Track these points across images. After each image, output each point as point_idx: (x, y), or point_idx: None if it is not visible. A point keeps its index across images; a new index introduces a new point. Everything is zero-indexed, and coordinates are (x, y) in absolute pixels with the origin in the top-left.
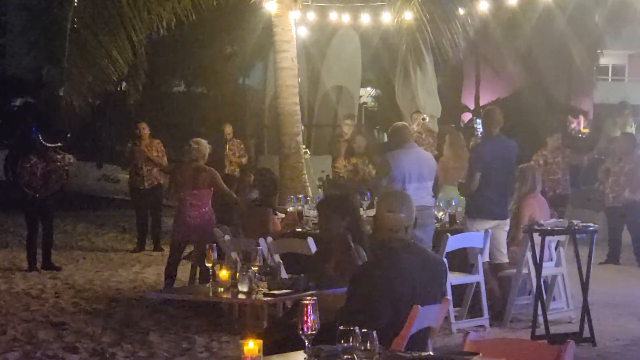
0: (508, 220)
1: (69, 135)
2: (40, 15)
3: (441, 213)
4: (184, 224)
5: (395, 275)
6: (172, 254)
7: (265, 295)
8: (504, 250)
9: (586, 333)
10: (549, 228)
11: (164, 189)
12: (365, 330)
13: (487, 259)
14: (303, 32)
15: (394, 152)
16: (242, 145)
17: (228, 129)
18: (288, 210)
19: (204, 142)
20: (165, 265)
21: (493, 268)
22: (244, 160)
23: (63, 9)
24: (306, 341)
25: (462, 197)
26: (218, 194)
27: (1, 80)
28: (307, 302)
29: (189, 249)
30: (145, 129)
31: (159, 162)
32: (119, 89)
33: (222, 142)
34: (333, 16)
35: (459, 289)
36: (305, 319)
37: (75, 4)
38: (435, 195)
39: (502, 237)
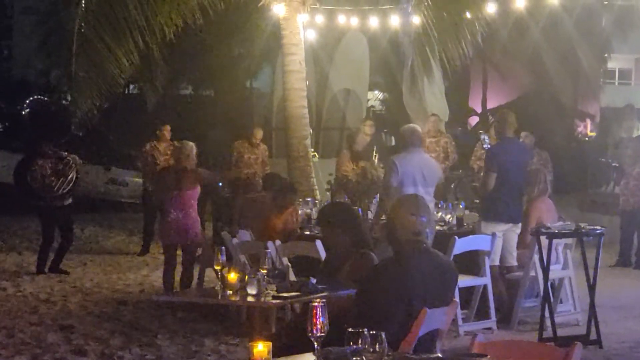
0: (520, 224)
1: (79, 134)
2: (47, 18)
3: (449, 216)
4: (170, 227)
5: (407, 278)
6: (167, 259)
7: (274, 298)
8: (515, 253)
9: (593, 335)
10: (556, 231)
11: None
12: (374, 332)
13: (497, 262)
14: (311, 35)
15: (401, 154)
16: (267, 152)
17: (259, 134)
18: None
19: (189, 143)
20: (163, 272)
21: (503, 270)
22: (267, 168)
23: (70, 13)
24: (315, 343)
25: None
26: (210, 189)
27: (8, 84)
28: (316, 304)
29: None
30: (167, 132)
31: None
32: (126, 92)
33: (250, 146)
34: (341, 19)
35: (466, 292)
36: (315, 321)
37: (82, 8)
38: None
39: (514, 240)
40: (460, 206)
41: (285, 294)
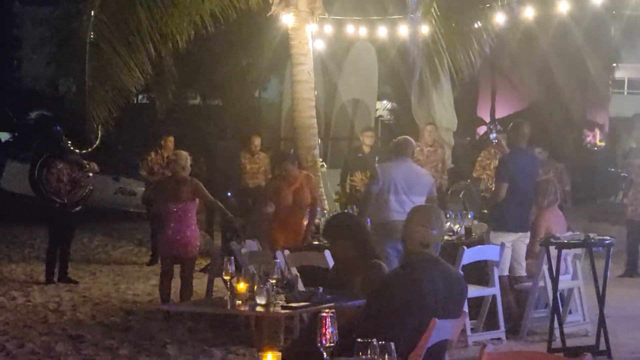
0: (529, 233)
1: (94, 145)
2: (58, 29)
3: (457, 226)
4: (168, 240)
5: (417, 289)
6: (163, 271)
7: (282, 308)
8: (524, 263)
9: (602, 346)
10: (566, 241)
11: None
12: (384, 342)
13: (506, 272)
14: (320, 45)
15: (385, 163)
16: (268, 160)
17: (257, 141)
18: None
19: (184, 153)
20: (159, 284)
21: (512, 281)
22: (269, 176)
23: (82, 23)
24: (325, 353)
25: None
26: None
27: (17, 93)
28: (325, 314)
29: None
30: (171, 143)
31: None
32: (136, 101)
33: (250, 155)
34: (350, 29)
35: (475, 302)
36: (324, 331)
37: (93, 18)
38: None
39: (523, 250)
40: (469, 216)
41: (294, 304)
